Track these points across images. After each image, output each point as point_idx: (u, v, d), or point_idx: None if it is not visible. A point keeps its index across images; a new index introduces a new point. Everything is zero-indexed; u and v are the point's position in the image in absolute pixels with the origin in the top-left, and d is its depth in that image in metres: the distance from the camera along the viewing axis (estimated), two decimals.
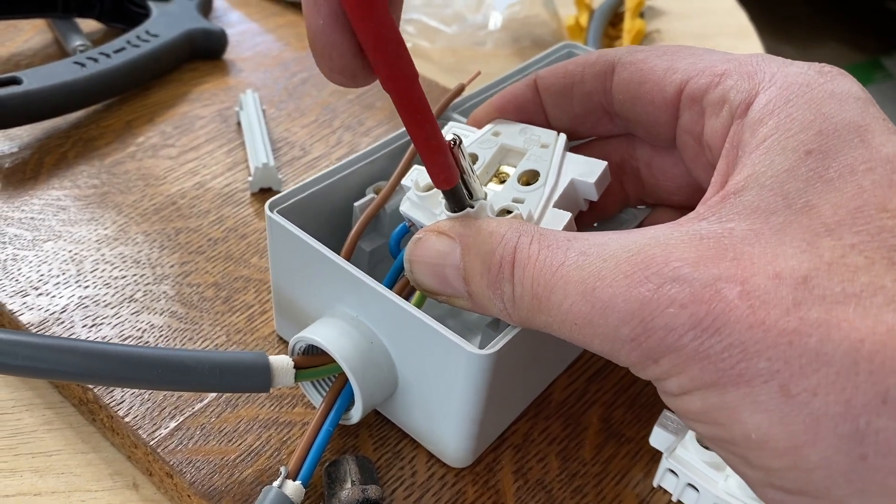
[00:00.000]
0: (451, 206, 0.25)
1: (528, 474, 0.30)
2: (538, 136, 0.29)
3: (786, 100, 0.22)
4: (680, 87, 0.26)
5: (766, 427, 0.18)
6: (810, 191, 0.20)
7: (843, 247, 0.19)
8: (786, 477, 0.19)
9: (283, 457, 0.29)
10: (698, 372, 0.19)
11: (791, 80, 0.22)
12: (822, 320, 0.18)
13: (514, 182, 0.28)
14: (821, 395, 0.17)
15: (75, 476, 0.30)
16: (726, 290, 0.19)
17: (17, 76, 0.41)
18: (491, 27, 0.59)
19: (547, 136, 0.29)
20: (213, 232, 0.38)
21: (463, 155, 0.24)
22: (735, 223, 0.20)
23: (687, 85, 0.25)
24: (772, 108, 0.22)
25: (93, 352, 0.25)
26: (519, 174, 0.28)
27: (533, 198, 0.27)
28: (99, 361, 0.25)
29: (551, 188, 0.27)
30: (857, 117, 0.21)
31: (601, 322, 0.20)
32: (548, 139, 0.29)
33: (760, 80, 0.23)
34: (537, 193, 0.27)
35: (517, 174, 0.28)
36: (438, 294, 0.25)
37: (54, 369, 0.25)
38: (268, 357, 0.27)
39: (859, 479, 0.17)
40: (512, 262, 0.23)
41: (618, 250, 0.21)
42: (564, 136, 0.29)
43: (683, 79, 0.25)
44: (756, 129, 0.22)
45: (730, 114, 0.23)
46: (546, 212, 0.26)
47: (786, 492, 0.19)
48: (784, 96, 0.22)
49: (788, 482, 0.19)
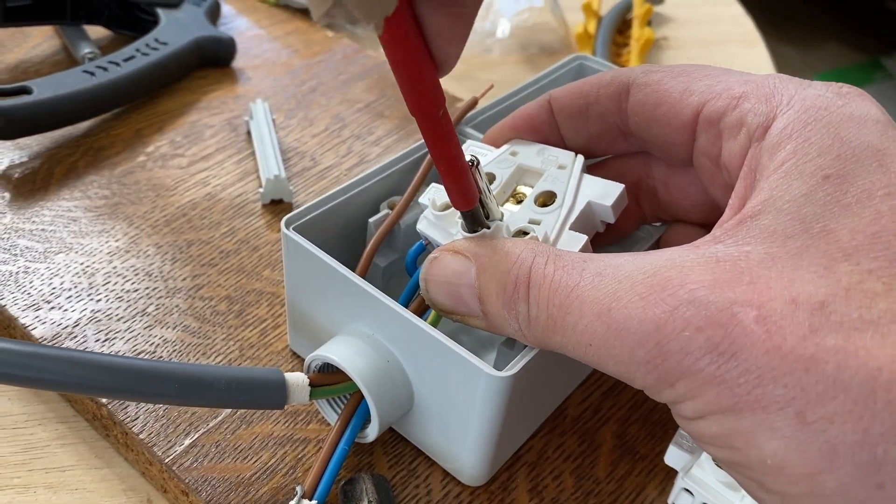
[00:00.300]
0: (469, 226, 0.25)
1: (544, 493, 0.30)
2: (556, 156, 0.29)
3: (804, 123, 0.22)
4: (697, 109, 0.25)
5: (783, 453, 0.18)
6: (828, 215, 0.20)
7: (860, 272, 0.18)
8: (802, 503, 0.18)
9: (299, 474, 0.29)
10: (714, 396, 0.19)
11: (809, 102, 0.22)
12: (840, 347, 0.18)
13: (530, 203, 0.28)
14: (838, 423, 0.17)
15: (89, 492, 0.30)
16: (742, 314, 0.19)
17: (27, 86, 0.41)
18: (499, 34, 0.59)
19: (565, 157, 0.29)
20: (225, 244, 0.38)
21: (481, 176, 0.24)
22: (752, 247, 0.20)
23: (704, 108, 0.25)
24: (790, 132, 0.22)
25: (108, 365, 0.25)
26: (536, 195, 0.28)
27: (549, 219, 0.27)
28: (114, 375, 0.25)
29: (568, 210, 0.27)
30: (876, 140, 0.21)
31: (616, 343, 0.20)
32: (565, 160, 0.29)
33: (778, 102, 0.23)
34: (554, 215, 0.27)
35: (534, 195, 0.28)
36: (453, 313, 0.25)
37: (70, 382, 0.24)
38: (283, 374, 0.27)
39: None
40: (527, 283, 0.23)
41: (633, 271, 0.21)
42: (582, 157, 0.29)
43: (700, 101, 0.25)
44: (774, 154, 0.22)
45: (747, 137, 0.23)
46: (562, 234, 0.26)
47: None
48: (802, 120, 0.22)
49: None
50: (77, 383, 0.25)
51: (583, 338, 0.21)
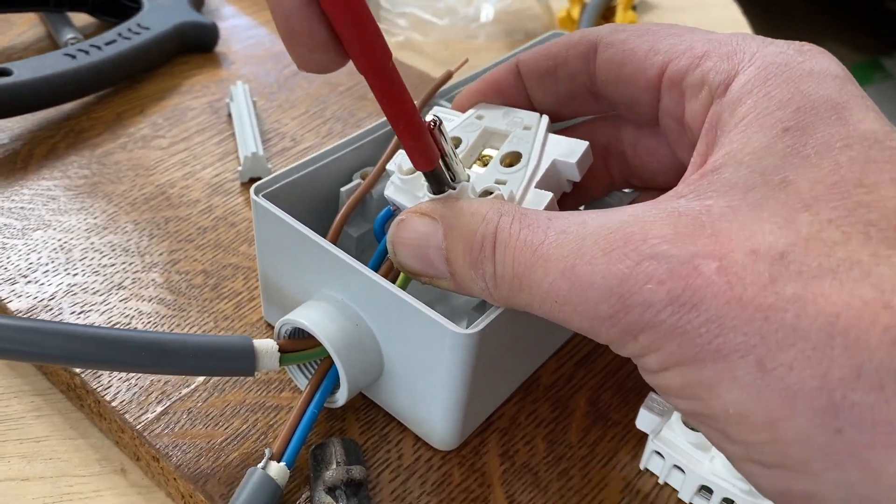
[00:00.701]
0: (433, 188, 0.25)
1: (515, 457, 0.30)
2: (521, 118, 0.29)
3: (764, 79, 0.22)
4: (661, 69, 0.26)
5: (744, 402, 0.18)
6: (787, 167, 0.20)
7: (819, 222, 0.19)
8: (764, 451, 0.19)
9: (270, 440, 0.29)
10: (676, 347, 0.19)
11: (770, 59, 0.22)
12: (799, 295, 0.18)
13: (496, 164, 0.28)
14: (797, 370, 0.17)
15: (63, 461, 0.30)
16: (703, 266, 0.19)
17: (8, 67, 0.41)
18: (483, 20, 0.59)
19: (529, 118, 0.29)
20: (203, 221, 0.38)
21: (444, 137, 0.25)
22: (713, 200, 0.20)
23: (668, 67, 0.25)
24: (750, 87, 0.22)
25: (78, 334, 0.25)
26: (501, 156, 0.28)
27: (515, 179, 0.27)
28: (84, 344, 0.25)
29: (533, 169, 0.27)
30: (835, 94, 0.21)
31: (581, 299, 0.21)
32: (530, 121, 0.29)
33: (740, 60, 0.23)
34: (519, 174, 0.27)
35: (500, 156, 0.28)
36: (421, 275, 0.25)
37: (40, 352, 0.25)
38: (252, 341, 0.27)
39: (835, 452, 0.17)
40: (493, 242, 0.23)
41: (597, 228, 0.21)
42: (547, 117, 0.29)
43: (664, 61, 0.25)
44: (734, 109, 0.22)
45: (709, 95, 0.23)
46: (528, 192, 0.26)
47: (764, 465, 0.19)
48: (762, 76, 0.22)
49: (766, 456, 0.19)
50: (47, 353, 0.25)
51: (548, 294, 0.21)
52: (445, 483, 0.29)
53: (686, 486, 0.28)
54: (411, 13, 0.58)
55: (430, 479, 0.29)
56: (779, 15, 2.00)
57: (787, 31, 1.66)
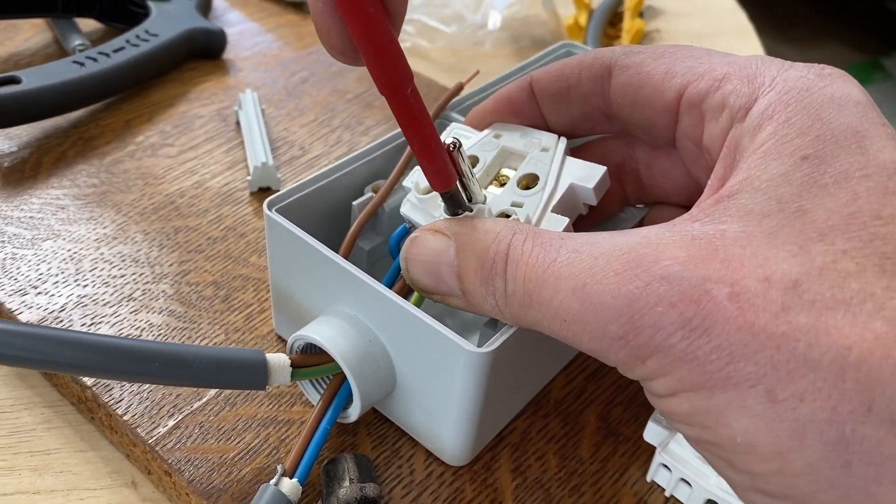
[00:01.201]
0: (450, 208, 0.25)
1: (527, 472, 0.30)
2: (539, 139, 0.29)
3: (784, 104, 0.22)
4: (679, 91, 0.25)
5: (753, 431, 0.18)
6: (805, 195, 0.20)
7: (834, 252, 0.19)
8: (771, 482, 0.18)
9: (282, 455, 0.29)
10: (686, 374, 0.19)
11: (791, 84, 0.22)
12: (811, 326, 0.18)
13: (513, 186, 0.28)
14: (807, 402, 0.17)
15: (74, 474, 0.30)
16: (715, 290, 0.19)
17: (16, 75, 0.41)
18: (490, 27, 0.59)
19: (548, 139, 0.29)
20: (212, 231, 0.38)
21: (463, 159, 0.24)
22: (727, 225, 0.20)
23: (686, 89, 0.25)
24: (770, 112, 0.22)
25: (90, 344, 0.25)
26: (519, 178, 0.28)
27: (531, 202, 0.27)
28: (96, 353, 0.25)
29: (550, 192, 0.27)
30: (856, 122, 0.21)
31: (590, 319, 0.20)
32: (548, 143, 0.29)
33: (760, 84, 0.23)
34: (536, 198, 0.27)
35: (517, 178, 0.28)
36: (433, 293, 0.25)
37: (51, 360, 0.25)
38: (265, 354, 0.27)
39: (843, 486, 0.17)
40: (505, 259, 0.23)
41: (609, 248, 0.21)
42: (565, 139, 0.29)
43: (683, 83, 0.25)
44: (754, 135, 0.22)
45: (730, 118, 0.23)
46: (544, 216, 0.26)
47: (770, 496, 0.19)
48: (783, 101, 0.22)
49: (773, 487, 0.19)
50: (58, 361, 0.25)
51: (558, 313, 0.21)
52: (457, 499, 0.29)
53: (692, 499, 0.28)
54: (418, 20, 0.58)
55: (442, 494, 0.29)
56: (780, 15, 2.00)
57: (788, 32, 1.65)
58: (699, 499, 0.28)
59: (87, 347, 0.25)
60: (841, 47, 2.01)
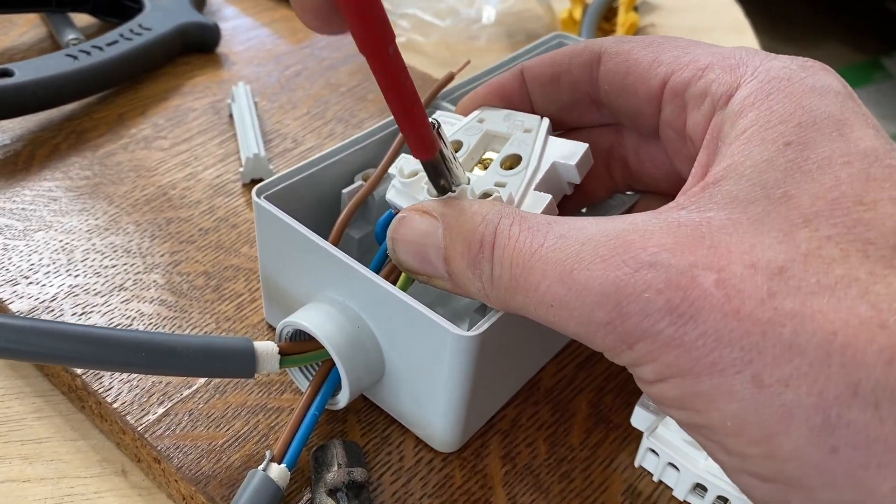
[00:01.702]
0: (432, 179, 0.25)
1: (516, 459, 0.30)
2: (522, 121, 0.29)
3: (766, 93, 0.22)
4: (664, 80, 0.26)
5: (741, 416, 0.18)
6: (789, 181, 0.20)
7: (819, 238, 0.19)
8: (760, 465, 0.19)
9: (271, 442, 0.29)
10: (673, 359, 0.19)
11: (773, 73, 0.22)
12: (797, 311, 0.18)
13: (496, 167, 0.28)
14: (793, 387, 0.17)
15: (64, 463, 0.30)
16: (702, 277, 0.19)
17: (9, 68, 0.41)
18: (484, 21, 0.59)
19: (530, 120, 0.29)
20: (204, 222, 0.38)
21: (444, 140, 0.24)
22: (713, 212, 0.20)
23: (671, 78, 0.25)
24: (752, 100, 0.22)
25: (79, 334, 0.25)
26: (502, 159, 0.28)
27: (514, 181, 0.27)
28: (84, 344, 0.25)
29: (533, 171, 0.27)
30: (837, 111, 0.21)
31: (577, 304, 0.20)
32: (531, 124, 0.29)
33: (742, 73, 0.23)
34: (519, 177, 0.27)
35: (500, 159, 0.28)
36: (420, 274, 0.25)
37: (41, 352, 0.25)
38: (252, 342, 0.27)
39: (830, 471, 0.17)
40: (492, 243, 0.23)
41: (596, 234, 0.21)
42: (547, 120, 0.29)
43: (668, 72, 0.25)
44: (736, 121, 0.22)
45: (711, 106, 0.23)
46: (527, 195, 0.26)
47: (760, 479, 0.19)
48: (765, 90, 0.22)
49: (762, 469, 0.19)
50: (48, 353, 0.25)
51: (544, 298, 0.21)
52: (447, 485, 0.29)
53: (680, 483, 0.28)
54: (413, 14, 0.58)
55: (432, 481, 0.29)
56: (780, 15, 2.00)
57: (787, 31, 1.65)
58: (687, 482, 0.28)
59: (74, 339, 0.25)
60: (841, 47, 2.01)
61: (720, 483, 0.27)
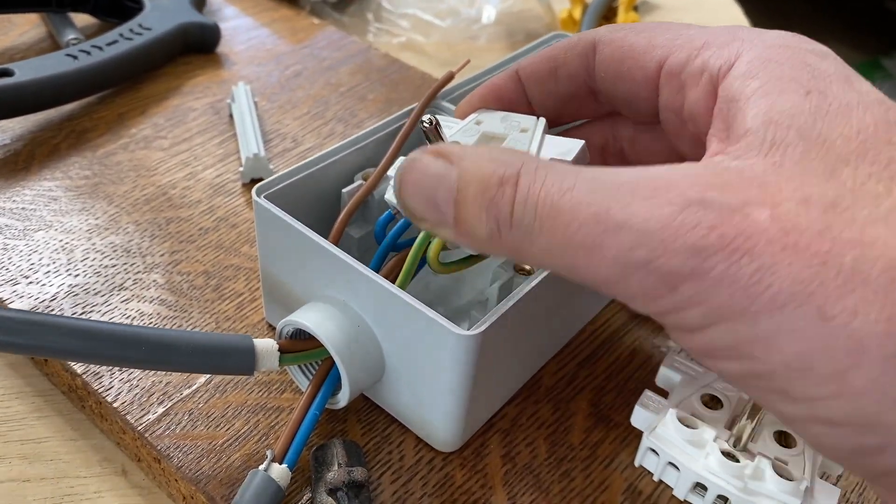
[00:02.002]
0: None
1: (517, 458, 0.30)
2: (518, 121, 0.29)
3: (768, 57, 0.22)
4: (660, 62, 0.26)
5: (807, 354, 0.17)
6: (819, 124, 0.20)
7: (861, 175, 0.19)
8: (831, 407, 0.18)
9: (272, 441, 0.29)
10: (727, 298, 0.18)
11: (770, 42, 0.23)
12: (856, 240, 0.17)
13: None
14: (861, 315, 0.17)
15: (64, 462, 0.30)
16: (756, 213, 0.18)
17: (9, 68, 0.41)
18: (484, 21, 0.59)
19: (527, 121, 0.29)
20: (204, 221, 0.38)
21: (441, 136, 0.24)
22: (754, 159, 0.20)
23: (667, 60, 0.25)
24: (758, 63, 0.22)
25: (79, 328, 0.25)
26: None
27: None
28: (84, 339, 0.25)
29: None
30: (840, 68, 0.22)
31: (612, 244, 0.19)
32: (527, 124, 0.29)
33: (740, 45, 0.23)
34: None
35: None
36: (424, 219, 0.23)
37: (40, 346, 0.25)
38: (252, 340, 0.27)
39: None
40: (515, 183, 0.21)
41: (634, 177, 0.20)
42: (544, 119, 0.29)
43: (663, 55, 0.26)
44: (747, 81, 0.22)
45: (710, 80, 0.23)
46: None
47: (832, 424, 0.18)
48: (766, 55, 0.22)
49: (834, 412, 0.18)
50: (47, 347, 0.25)
51: (573, 239, 0.20)
52: (447, 484, 0.28)
53: (680, 483, 0.28)
54: (413, 14, 0.58)
55: (432, 480, 0.29)
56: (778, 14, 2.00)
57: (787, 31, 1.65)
58: (687, 482, 0.28)
59: (74, 332, 0.25)
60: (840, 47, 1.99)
61: (720, 482, 0.27)
